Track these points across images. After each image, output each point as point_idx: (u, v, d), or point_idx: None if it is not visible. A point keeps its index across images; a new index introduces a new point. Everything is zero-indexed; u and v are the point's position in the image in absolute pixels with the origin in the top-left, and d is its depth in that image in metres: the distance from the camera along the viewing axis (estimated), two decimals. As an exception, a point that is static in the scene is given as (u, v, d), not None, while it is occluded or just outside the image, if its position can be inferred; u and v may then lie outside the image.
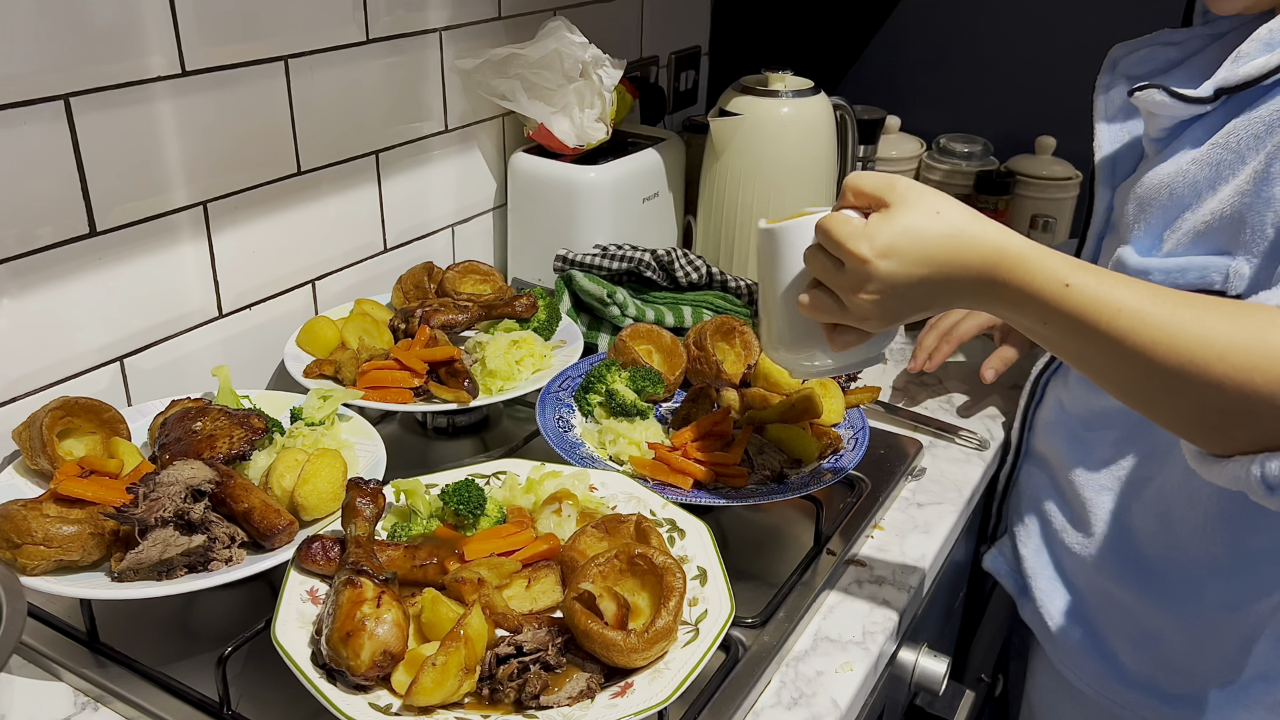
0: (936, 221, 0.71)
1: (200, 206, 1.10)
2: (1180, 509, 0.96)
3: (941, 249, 0.71)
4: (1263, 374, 0.65)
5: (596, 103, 1.40)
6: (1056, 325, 0.70)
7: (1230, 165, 0.85)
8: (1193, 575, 0.97)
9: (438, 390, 1.10)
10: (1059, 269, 0.69)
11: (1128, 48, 1.07)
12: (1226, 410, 0.67)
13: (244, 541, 0.88)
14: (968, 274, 0.71)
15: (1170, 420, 0.72)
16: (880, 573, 1.01)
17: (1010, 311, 0.73)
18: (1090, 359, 0.72)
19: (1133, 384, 0.71)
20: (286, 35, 1.13)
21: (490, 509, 0.90)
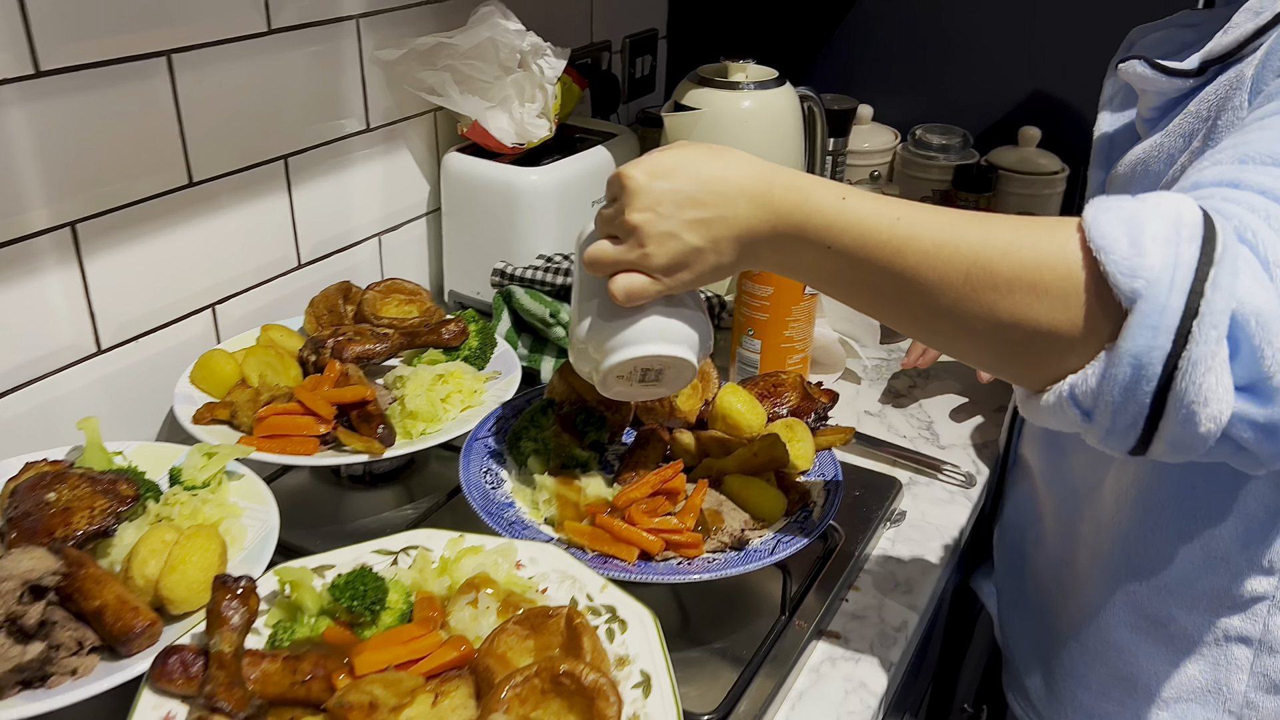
0: (711, 151, 0.73)
1: (67, 228, 0.96)
2: (1110, 512, 0.92)
3: (712, 167, 0.72)
4: (1051, 269, 0.60)
5: (538, 96, 1.30)
6: (838, 244, 0.68)
7: (1198, 133, 0.83)
8: (1125, 588, 0.93)
9: (347, 438, 0.95)
10: (833, 186, 0.69)
11: (1145, 30, 1.01)
12: (1017, 324, 0.62)
13: (95, 646, 0.74)
14: (741, 191, 0.71)
15: (972, 348, 0.68)
16: (857, 646, 0.91)
17: (788, 238, 0.70)
18: (876, 284, 0.68)
19: (924, 306, 0.66)
20: (169, 27, 1.00)
21: (394, 599, 0.76)
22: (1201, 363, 0.56)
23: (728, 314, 1.29)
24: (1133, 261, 0.57)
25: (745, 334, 1.19)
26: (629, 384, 0.82)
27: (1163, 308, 0.56)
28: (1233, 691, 0.87)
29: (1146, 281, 0.56)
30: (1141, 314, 0.56)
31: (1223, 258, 0.56)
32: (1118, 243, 0.57)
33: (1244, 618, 0.85)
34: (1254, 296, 0.56)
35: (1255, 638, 0.85)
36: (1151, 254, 0.57)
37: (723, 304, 1.30)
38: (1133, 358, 0.57)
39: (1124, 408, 0.58)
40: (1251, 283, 0.57)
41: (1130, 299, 0.57)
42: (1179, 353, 0.56)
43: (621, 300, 0.75)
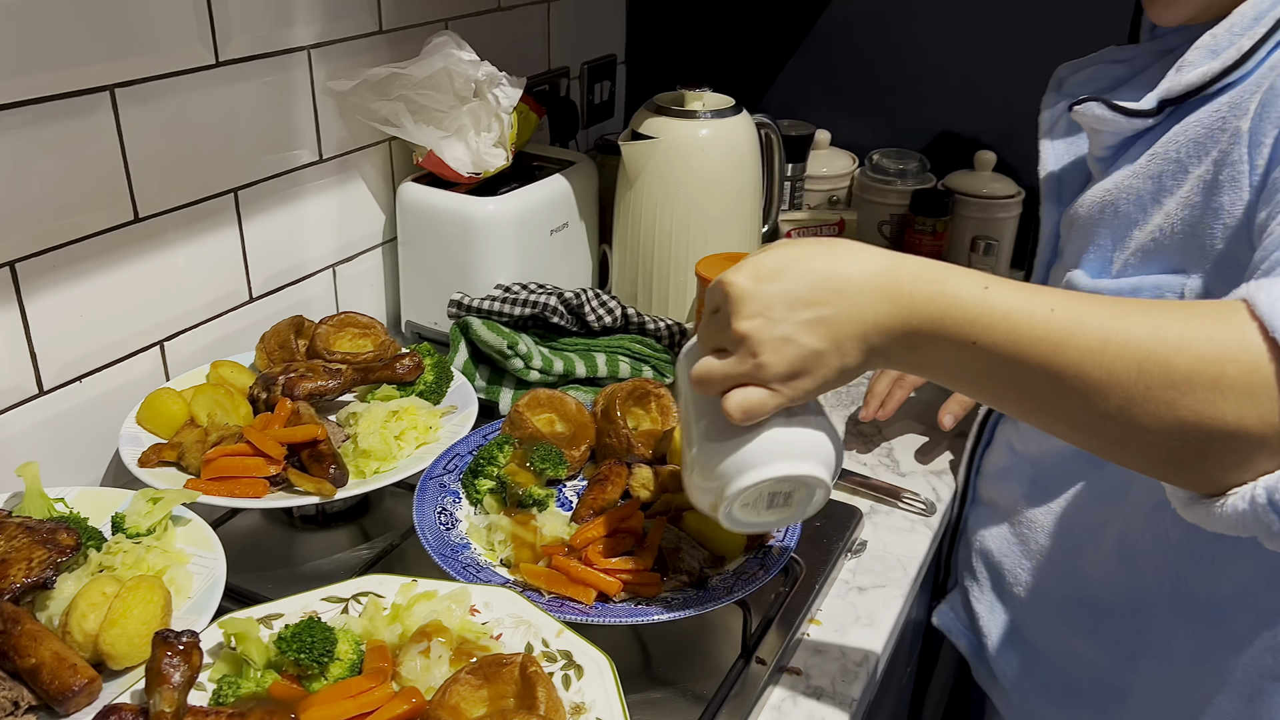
0: (822, 245, 0.67)
1: (7, 267, 0.93)
2: (1147, 553, 0.91)
3: (825, 261, 0.65)
4: (1233, 362, 0.56)
5: (494, 125, 1.29)
6: (985, 339, 0.61)
7: (1173, 176, 0.83)
8: (1160, 625, 0.92)
9: (297, 479, 0.93)
10: (973, 275, 0.63)
11: (1073, 67, 1.02)
12: (1199, 424, 0.57)
13: (32, 706, 0.71)
14: (863, 285, 0.64)
15: (1142, 454, 0.62)
16: (818, 682, 0.90)
17: (924, 334, 0.64)
18: (1032, 384, 0.62)
19: (1089, 408, 0.61)
20: (112, 61, 0.98)
21: (344, 649, 0.74)
22: None
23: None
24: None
25: (705, 364, 1.18)
26: (755, 512, 0.75)
27: None
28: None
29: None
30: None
31: None
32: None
33: (1276, 655, 0.85)
34: None
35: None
36: None
37: (683, 332, 1.29)
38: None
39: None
40: None
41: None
42: None
43: (739, 418, 0.68)
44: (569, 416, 1.02)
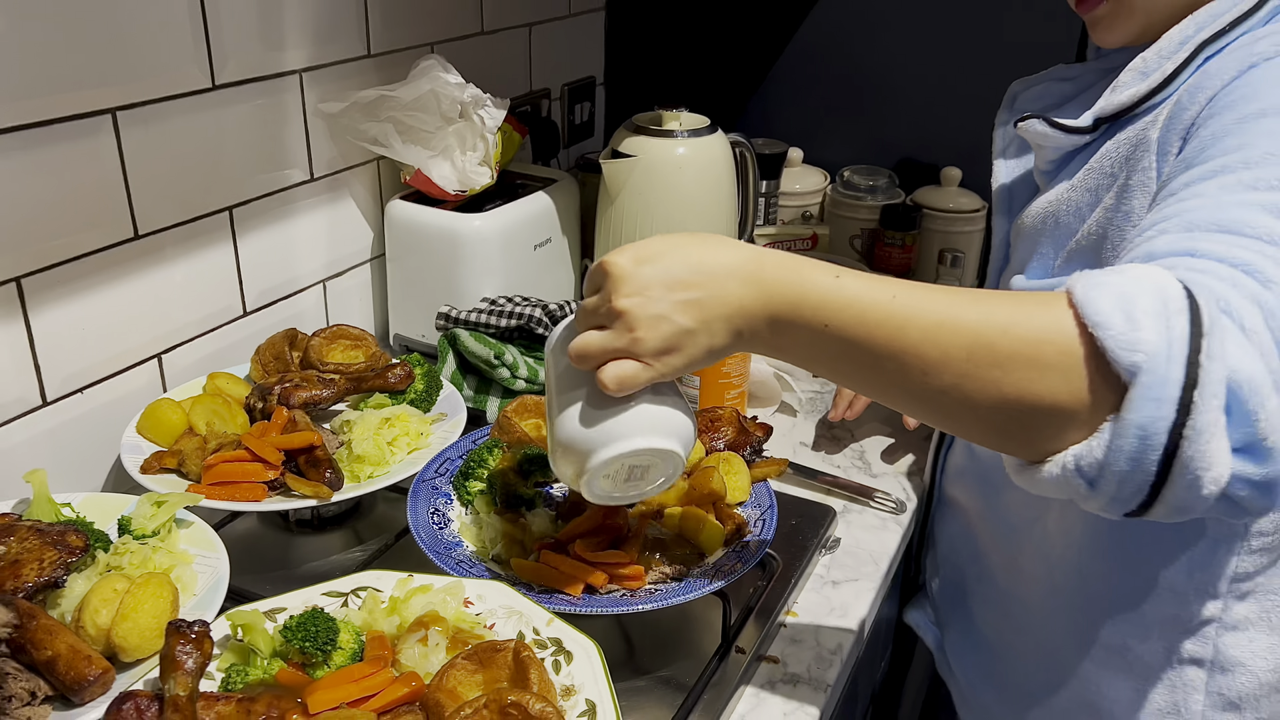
0: (695, 237, 0.71)
1: (13, 283, 0.96)
2: (1059, 549, 0.96)
3: (699, 251, 0.70)
4: (1050, 344, 0.61)
5: (479, 145, 1.32)
6: (835, 322, 0.66)
7: (1105, 188, 0.87)
8: (1079, 620, 0.96)
9: (295, 483, 0.96)
10: (825, 265, 0.68)
11: (1025, 83, 1.07)
12: (1021, 401, 0.62)
13: (49, 696, 0.74)
14: (731, 271, 0.69)
15: (973, 425, 0.67)
16: (794, 669, 0.93)
17: (783, 318, 0.68)
18: (878, 363, 0.67)
19: (926, 384, 0.65)
20: (113, 85, 1.01)
21: (345, 639, 0.77)
22: (1205, 430, 0.57)
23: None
24: (1130, 336, 0.58)
25: (684, 371, 1.22)
26: (614, 483, 0.78)
27: (1164, 380, 0.57)
28: (1191, 712, 0.91)
29: (1146, 355, 0.58)
30: (1144, 386, 0.58)
31: (1212, 329, 0.58)
32: (1113, 318, 0.59)
33: (1195, 641, 0.89)
34: (1243, 363, 0.58)
35: (1207, 659, 0.89)
36: (1146, 329, 0.58)
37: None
38: (1138, 428, 0.58)
39: (1130, 476, 0.60)
40: (1238, 350, 0.59)
41: (1131, 372, 0.58)
42: (1183, 422, 0.57)
43: (614, 389, 0.72)
44: None
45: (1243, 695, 0.90)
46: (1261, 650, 0.89)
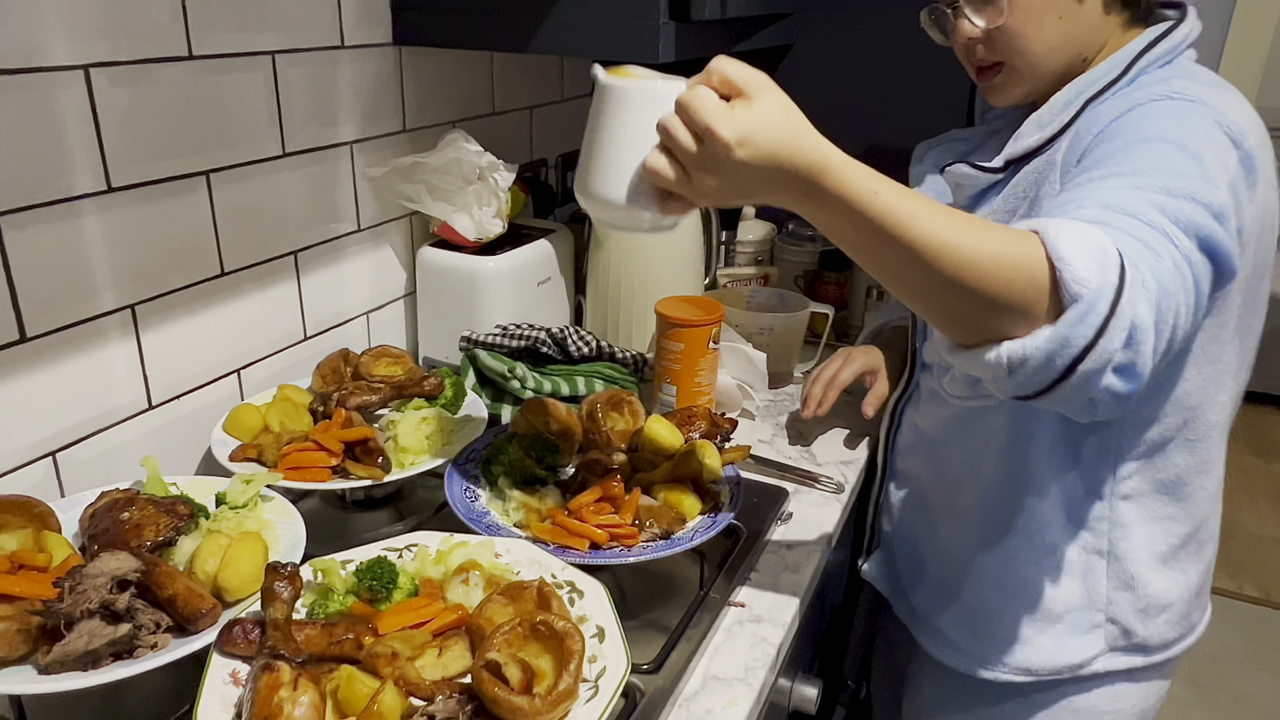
0: (785, 123, 0.69)
1: (129, 309, 1.02)
2: (989, 487, 1.05)
3: (785, 147, 0.68)
4: (1023, 274, 0.67)
5: (493, 201, 1.37)
6: (863, 226, 0.69)
7: (1020, 205, 0.96)
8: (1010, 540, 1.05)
9: (353, 468, 1.03)
10: (870, 180, 0.69)
11: (929, 144, 1.15)
12: (988, 304, 0.68)
13: (168, 626, 0.80)
14: (798, 173, 0.69)
15: (940, 314, 0.72)
16: (758, 611, 0.98)
17: (824, 211, 0.70)
18: (886, 259, 0.70)
19: (919, 281, 0.70)
20: (209, 152, 1.07)
21: (402, 582, 0.84)
22: (1104, 351, 0.66)
23: (649, 368, 1.39)
24: (1080, 274, 0.66)
25: (664, 382, 1.30)
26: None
27: (1092, 309, 0.65)
28: (1098, 594, 1.01)
29: (1087, 290, 0.66)
30: (1079, 310, 0.66)
31: (1131, 285, 0.67)
32: (1073, 258, 0.66)
33: (1094, 536, 1.00)
34: (1141, 311, 0.67)
35: (1105, 550, 1.00)
36: (1093, 271, 0.66)
37: (645, 360, 1.40)
38: (1063, 338, 0.66)
39: (1042, 369, 0.68)
40: (1140, 299, 0.68)
41: (1072, 299, 0.66)
42: (1095, 342, 0.66)
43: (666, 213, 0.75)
44: (561, 419, 1.12)
45: (1134, 576, 1.00)
46: (1142, 539, 1.00)
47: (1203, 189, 0.77)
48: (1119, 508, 1.00)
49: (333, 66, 1.22)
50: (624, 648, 0.77)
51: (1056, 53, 0.95)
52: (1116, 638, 1.03)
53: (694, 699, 0.86)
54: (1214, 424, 0.98)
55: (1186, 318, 0.73)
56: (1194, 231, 0.75)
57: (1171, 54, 0.93)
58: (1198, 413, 0.96)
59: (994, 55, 0.97)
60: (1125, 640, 1.03)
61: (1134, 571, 1.01)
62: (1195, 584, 1.05)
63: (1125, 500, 0.99)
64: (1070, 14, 0.93)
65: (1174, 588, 1.03)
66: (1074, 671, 1.04)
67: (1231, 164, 0.81)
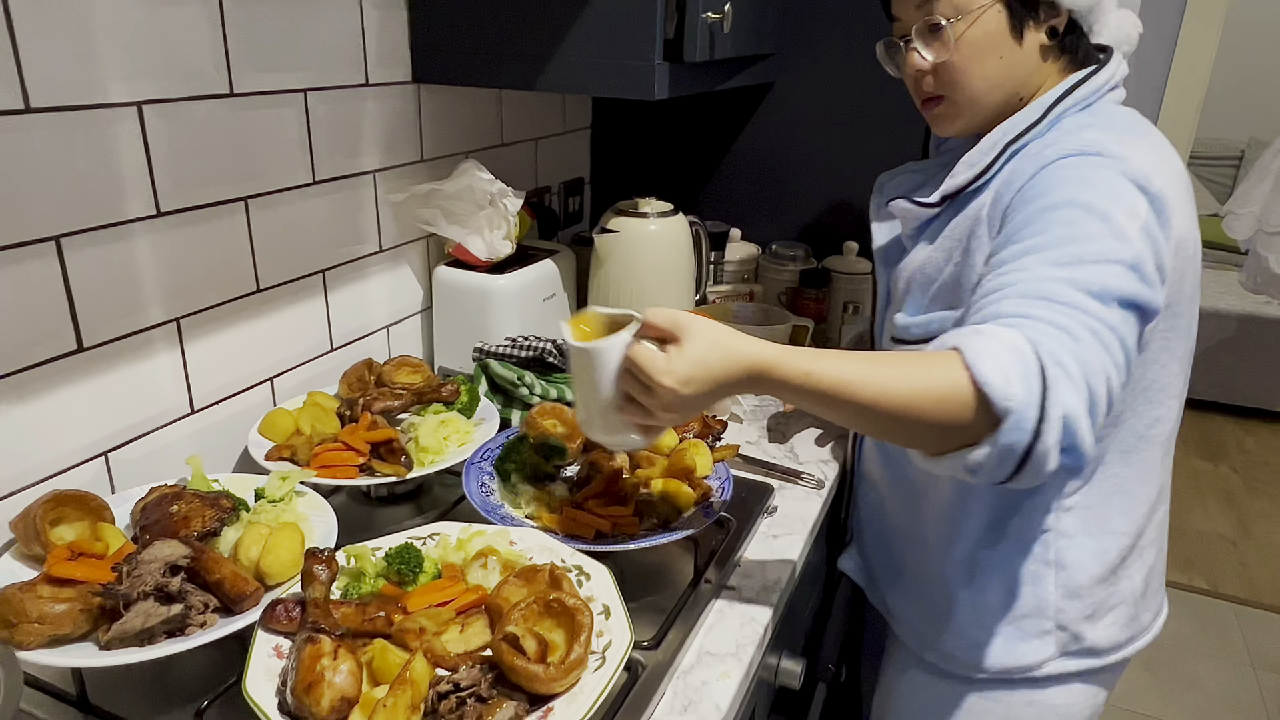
0: (716, 350, 0.75)
1: (174, 322, 1.05)
2: (946, 497, 1.04)
3: (722, 370, 0.75)
4: (955, 401, 0.72)
5: (503, 224, 1.39)
6: (809, 400, 0.76)
7: (955, 250, 0.95)
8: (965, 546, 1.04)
9: (379, 466, 1.06)
10: (801, 363, 0.75)
11: (889, 175, 1.16)
12: (934, 429, 0.73)
13: (216, 607, 0.83)
14: (741, 383, 0.76)
15: (899, 441, 0.79)
16: (747, 594, 1.01)
17: (774, 393, 0.78)
18: (838, 416, 0.77)
19: (870, 425, 0.77)
20: (247, 181, 1.10)
21: (427, 566, 0.87)
22: (1046, 447, 0.70)
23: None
24: (1005, 391, 0.70)
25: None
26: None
27: (1025, 418, 0.70)
28: (1047, 602, 1.00)
29: (1015, 403, 0.69)
30: (1012, 422, 0.70)
31: (1054, 383, 0.70)
32: (994, 379, 0.70)
33: (1041, 547, 0.99)
34: (1070, 401, 0.71)
35: (1052, 560, 0.99)
36: (1015, 385, 0.70)
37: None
38: (1006, 447, 0.71)
39: (998, 469, 0.72)
40: (1067, 392, 0.71)
41: (1004, 414, 0.70)
42: (1035, 442, 0.70)
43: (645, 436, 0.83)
44: (567, 421, 1.14)
45: (1080, 586, 0.99)
46: (1087, 551, 0.99)
47: (1115, 247, 0.78)
48: (1064, 520, 0.99)
49: (358, 102, 1.25)
50: (628, 624, 0.80)
51: (995, 90, 0.95)
52: (1067, 643, 1.02)
53: (690, 672, 0.89)
54: (1144, 436, 0.98)
55: (1119, 377, 0.76)
56: (1110, 295, 0.77)
57: (1092, 97, 0.93)
58: (1128, 427, 0.96)
59: (938, 88, 0.97)
60: (1076, 645, 1.03)
61: (1080, 580, 1.00)
62: (1139, 587, 1.04)
63: (1069, 513, 0.99)
64: (1010, 55, 0.93)
65: (1119, 592, 1.02)
66: (1026, 673, 1.04)
67: (1141, 209, 0.81)
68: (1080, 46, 0.96)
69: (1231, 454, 3.83)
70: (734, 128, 1.81)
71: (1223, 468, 3.73)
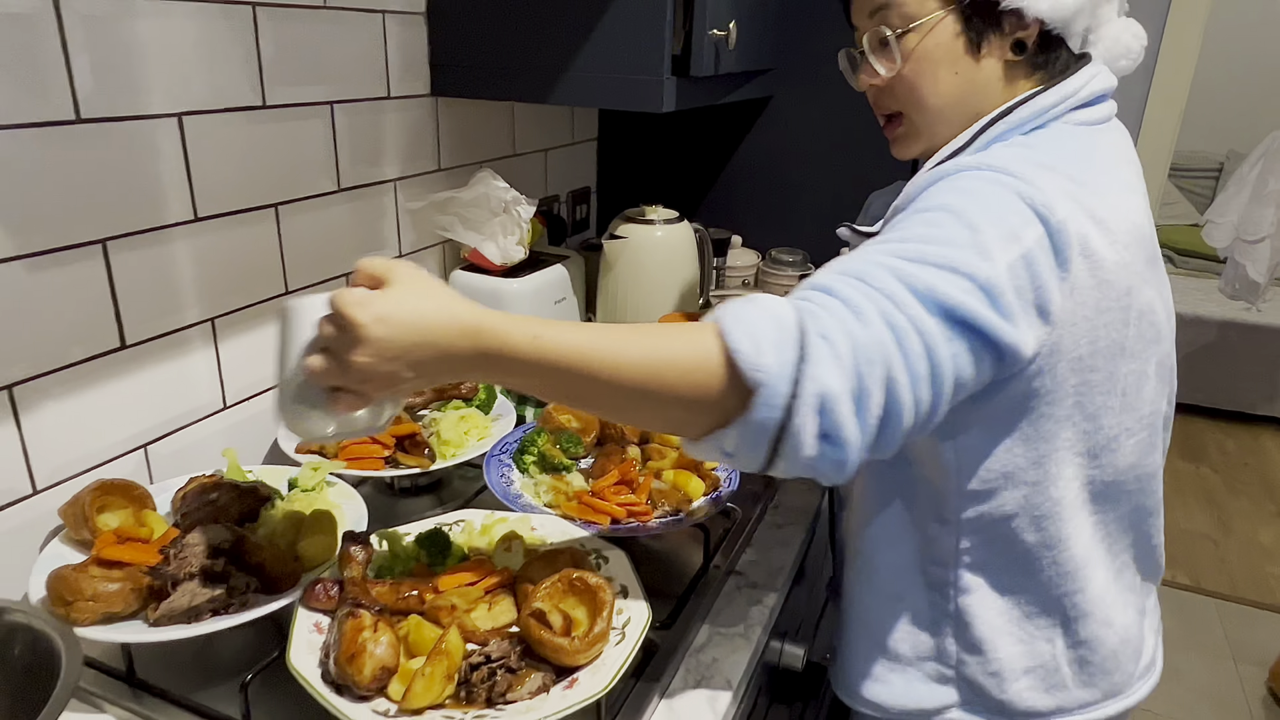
0: (427, 300, 0.64)
1: (209, 322, 1.08)
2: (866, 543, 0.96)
3: (426, 318, 0.63)
4: (703, 371, 0.64)
5: (516, 231, 1.41)
6: (541, 372, 0.65)
7: None
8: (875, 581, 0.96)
9: (403, 458, 1.09)
10: (528, 326, 0.65)
11: (878, 194, 1.12)
12: (684, 405, 0.65)
13: (257, 588, 0.85)
14: (453, 342, 0.64)
15: (654, 424, 0.71)
16: (754, 579, 1.04)
17: (498, 370, 0.66)
18: (576, 392, 0.67)
19: (615, 406, 0.67)
20: (277, 188, 1.13)
21: (455, 550, 0.90)
22: (799, 427, 0.63)
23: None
24: (755, 360, 0.63)
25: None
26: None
27: (776, 392, 0.63)
28: (947, 653, 0.91)
29: (766, 374, 0.62)
30: (762, 397, 0.63)
31: (810, 356, 0.63)
32: (745, 346, 0.63)
33: (942, 598, 0.90)
34: (829, 379, 0.63)
35: (952, 613, 0.89)
36: (767, 354, 0.63)
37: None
38: (759, 423, 0.64)
39: (752, 453, 0.66)
40: (827, 369, 0.63)
41: (754, 386, 0.63)
42: (787, 420, 0.63)
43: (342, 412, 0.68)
44: (581, 415, 1.18)
45: (983, 640, 0.88)
46: (992, 607, 0.88)
47: (969, 261, 0.68)
48: (964, 576, 0.88)
49: (380, 115, 1.29)
50: (645, 602, 0.84)
51: (951, 109, 0.85)
52: (970, 695, 0.91)
53: (702, 650, 0.92)
54: (1060, 500, 0.83)
55: (922, 389, 0.67)
56: (934, 301, 0.67)
57: (1041, 119, 0.81)
58: (1039, 490, 0.82)
59: (894, 104, 0.88)
60: (979, 699, 0.91)
61: (982, 635, 0.88)
62: (1067, 659, 0.89)
63: (970, 569, 0.88)
64: (966, 71, 0.83)
65: (1029, 656, 0.89)
66: (926, 718, 0.93)
67: (1029, 237, 0.71)
68: (1057, 62, 0.84)
69: (1212, 455, 3.88)
70: (734, 139, 1.84)
71: (1204, 469, 3.77)
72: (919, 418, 0.68)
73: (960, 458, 0.82)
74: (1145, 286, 0.80)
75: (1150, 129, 2.42)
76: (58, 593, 0.78)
